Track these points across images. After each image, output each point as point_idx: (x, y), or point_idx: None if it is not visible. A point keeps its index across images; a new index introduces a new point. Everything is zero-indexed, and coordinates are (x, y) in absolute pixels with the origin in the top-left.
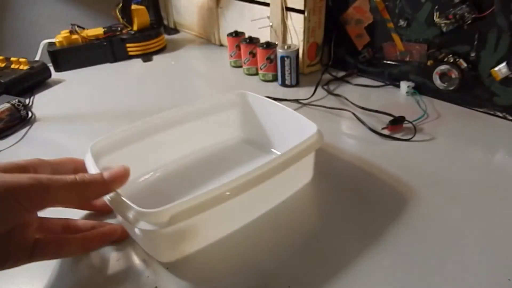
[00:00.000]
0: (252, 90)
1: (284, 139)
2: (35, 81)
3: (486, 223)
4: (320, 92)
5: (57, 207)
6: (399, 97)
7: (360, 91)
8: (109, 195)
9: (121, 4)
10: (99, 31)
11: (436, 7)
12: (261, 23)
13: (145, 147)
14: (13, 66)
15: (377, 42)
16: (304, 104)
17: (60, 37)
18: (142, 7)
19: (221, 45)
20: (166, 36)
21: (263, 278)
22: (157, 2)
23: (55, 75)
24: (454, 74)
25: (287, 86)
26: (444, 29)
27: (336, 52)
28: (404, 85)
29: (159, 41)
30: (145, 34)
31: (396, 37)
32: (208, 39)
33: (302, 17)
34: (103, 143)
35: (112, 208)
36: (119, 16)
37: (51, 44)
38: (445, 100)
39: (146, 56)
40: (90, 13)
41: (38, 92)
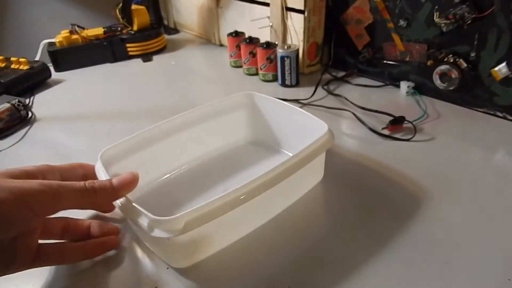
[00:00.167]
0: (252, 90)
1: (293, 139)
2: (35, 81)
3: (486, 223)
4: (320, 92)
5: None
6: (399, 97)
7: (360, 91)
8: (121, 203)
9: (121, 4)
10: (99, 31)
11: (436, 7)
12: (261, 23)
13: (154, 152)
14: (13, 66)
15: (377, 42)
16: (304, 104)
17: (60, 37)
18: (142, 7)
19: (221, 45)
20: (166, 36)
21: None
22: (157, 2)
23: (55, 75)
24: (454, 74)
25: (287, 86)
26: (444, 29)
27: (336, 52)
28: (404, 85)
29: (159, 41)
30: (145, 34)
31: (396, 37)
32: (208, 39)
33: (302, 17)
34: (112, 150)
35: (125, 215)
36: (119, 16)
37: (51, 44)
38: (445, 100)
39: (146, 56)
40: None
41: (38, 92)
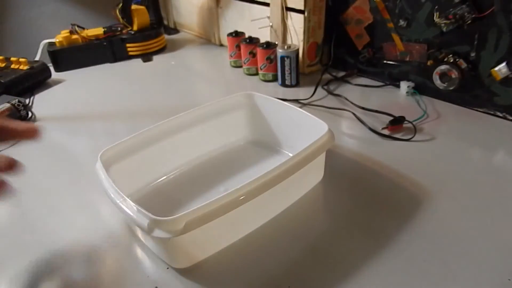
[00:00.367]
0: (252, 90)
1: (293, 138)
2: (35, 81)
3: (486, 222)
4: (320, 92)
5: None
6: (399, 97)
7: (360, 91)
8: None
9: (121, 4)
10: (99, 31)
11: (436, 7)
12: (261, 23)
13: (154, 152)
14: (13, 66)
15: (377, 42)
16: (304, 104)
17: (60, 37)
18: (142, 7)
19: (221, 45)
20: (166, 36)
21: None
22: (157, 2)
23: (55, 75)
24: (454, 74)
25: (287, 86)
26: (444, 29)
27: (336, 52)
28: (404, 85)
29: (159, 41)
30: (145, 34)
31: (396, 37)
32: (208, 39)
33: (302, 17)
34: (112, 150)
35: (125, 215)
36: (119, 16)
37: (51, 44)
38: (445, 100)
39: (146, 56)
40: (90, 13)
41: (38, 92)
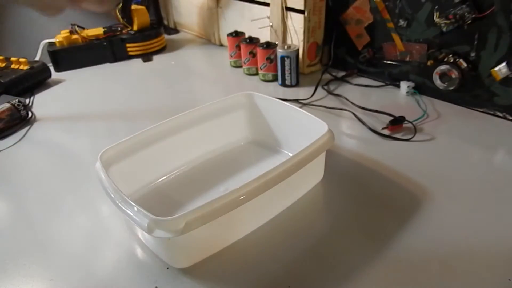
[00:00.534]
0: (252, 90)
1: (293, 139)
2: (35, 81)
3: (486, 222)
4: (320, 92)
5: None
6: (399, 97)
7: (360, 91)
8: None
9: (121, 4)
10: (99, 31)
11: (436, 7)
12: (261, 23)
13: (154, 152)
14: (13, 66)
15: (377, 42)
16: (304, 104)
17: (60, 37)
18: (142, 7)
19: (221, 45)
20: (166, 36)
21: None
22: (157, 2)
23: (55, 75)
24: (454, 74)
25: (287, 86)
26: (444, 29)
27: (336, 52)
28: (404, 85)
29: (159, 41)
30: (145, 34)
31: (396, 37)
32: (208, 39)
33: (302, 17)
34: (112, 150)
35: (125, 215)
36: (119, 16)
37: (51, 44)
38: (445, 100)
39: (146, 56)
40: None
41: (38, 92)
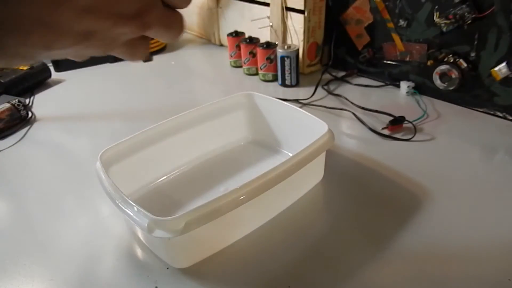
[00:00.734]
0: (252, 90)
1: (293, 139)
2: (35, 81)
3: (486, 222)
4: (320, 92)
5: None
6: (399, 97)
7: (360, 91)
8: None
9: None
10: None
11: (436, 7)
12: (261, 23)
13: (154, 152)
14: None
15: (377, 42)
16: (304, 104)
17: None
18: None
19: (221, 45)
20: None
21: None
22: None
23: (55, 75)
24: (454, 74)
25: (287, 86)
26: (444, 29)
27: (336, 52)
28: (404, 85)
29: (159, 41)
30: None
31: (396, 37)
32: (208, 39)
33: (302, 17)
34: (112, 150)
35: (125, 215)
36: None
37: None
38: (445, 100)
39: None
40: None
41: (38, 92)
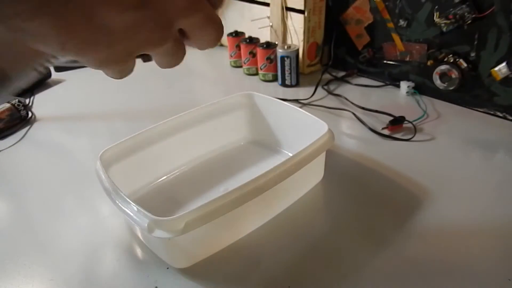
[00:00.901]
0: (252, 90)
1: (293, 138)
2: (35, 81)
3: (486, 222)
4: (320, 92)
5: None
6: (399, 97)
7: (360, 91)
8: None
9: None
10: None
11: (436, 7)
12: (261, 23)
13: (154, 152)
14: None
15: (377, 42)
16: (304, 104)
17: None
18: None
19: (221, 45)
20: None
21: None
22: None
23: (55, 75)
24: (454, 74)
25: (287, 86)
26: (444, 29)
27: (336, 52)
28: (404, 85)
29: None
30: None
31: (396, 37)
32: None
33: (302, 17)
34: (112, 150)
35: (125, 215)
36: None
37: None
38: (445, 100)
39: (146, 56)
40: None
41: (38, 92)
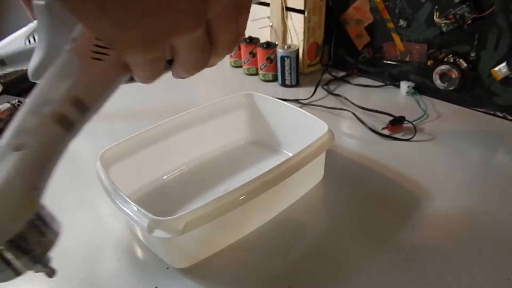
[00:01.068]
0: (252, 90)
1: (293, 138)
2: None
3: (486, 222)
4: (320, 92)
5: None
6: (399, 97)
7: (360, 91)
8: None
9: None
10: None
11: (436, 7)
12: (261, 23)
13: (154, 152)
14: None
15: (377, 42)
16: (304, 104)
17: None
18: None
19: None
20: None
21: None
22: None
23: None
24: (454, 74)
25: (287, 86)
26: (444, 29)
27: (336, 52)
28: (404, 85)
29: None
30: None
31: (396, 37)
32: None
33: (302, 17)
34: (112, 150)
35: (125, 215)
36: None
37: None
38: (445, 100)
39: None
40: None
41: None
